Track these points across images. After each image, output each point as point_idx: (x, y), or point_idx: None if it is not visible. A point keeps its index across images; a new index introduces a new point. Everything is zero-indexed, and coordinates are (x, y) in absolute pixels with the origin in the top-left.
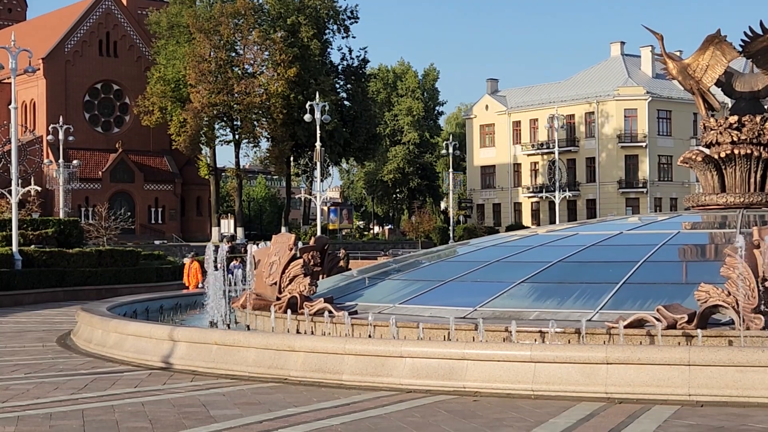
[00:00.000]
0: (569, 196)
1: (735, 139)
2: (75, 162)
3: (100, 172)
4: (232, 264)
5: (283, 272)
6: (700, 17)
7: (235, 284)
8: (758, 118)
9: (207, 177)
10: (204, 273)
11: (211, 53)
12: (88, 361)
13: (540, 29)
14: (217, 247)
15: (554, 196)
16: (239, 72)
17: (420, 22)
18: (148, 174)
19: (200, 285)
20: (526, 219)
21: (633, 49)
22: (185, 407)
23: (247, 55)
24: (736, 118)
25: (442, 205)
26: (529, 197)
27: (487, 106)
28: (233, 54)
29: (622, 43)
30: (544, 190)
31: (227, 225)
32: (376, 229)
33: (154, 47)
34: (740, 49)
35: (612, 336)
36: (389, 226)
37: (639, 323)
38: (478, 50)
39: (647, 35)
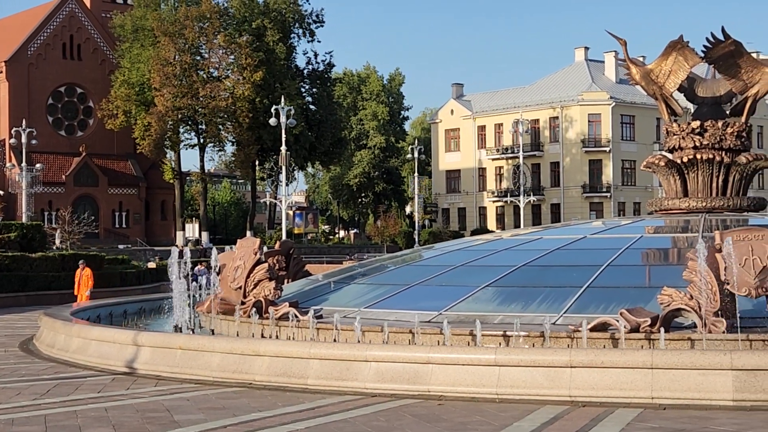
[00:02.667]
0: (534, 201)
1: (697, 144)
2: (38, 165)
3: (63, 176)
4: (197, 268)
5: (248, 276)
6: (663, 23)
7: (199, 288)
8: (720, 124)
9: (172, 181)
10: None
11: (176, 57)
12: (50, 366)
13: (505, 34)
14: (181, 251)
15: (519, 201)
16: (204, 76)
17: (385, 26)
18: (112, 178)
19: (87, 293)
20: (491, 223)
21: (597, 55)
22: (149, 412)
23: (213, 59)
24: (698, 123)
25: (408, 210)
26: (494, 201)
27: (452, 111)
28: (198, 57)
29: (586, 48)
30: (508, 195)
31: (192, 229)
32: (342, 233)
33: (119, 50)
34: (702, 55)
35: (576, 339)
36: (355, 231)
37: (603, 327)
38: (444, 55)
39: (611, 41)
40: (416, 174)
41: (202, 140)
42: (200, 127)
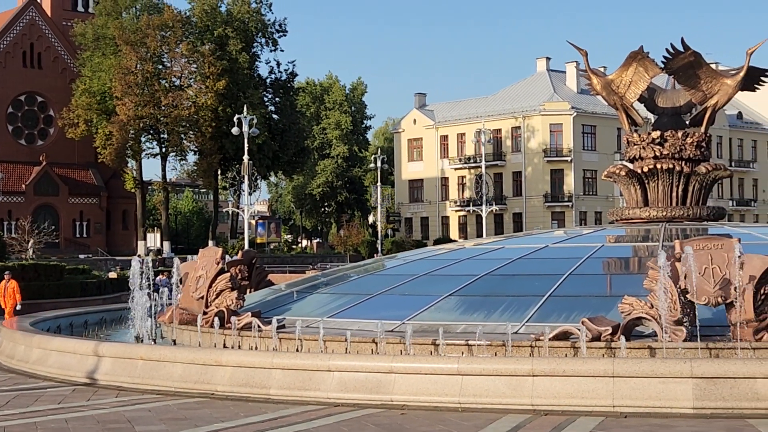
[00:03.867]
0: (496, 210)
1: (657, 153)
2: None
3: (23, 185)
4: (158, 278)
5: (210, 286)
6: (624, 34)
7: (161, 299)
8: (680, 134)
9: (133, 190)
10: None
11: (138, 65)
12: (10, 377)
13: (467, 44)
14: (142, 261)
15: (481, 210)
16: (166, 84)
17: (348, 36)
18: (72, 187)
19: (17, 307)
20: (454, 232)
21: (558, 65)
22: (110, 423)
23: (175, 68)
24: (658, 133)
25: (371, 219)
26: (456, 211)
27: (414, 120)
28: (160, 66)
29: (548, 58)
30: (471, 204)
31: (154, 239)
32: (305, 242)
33: (80, 59)
34: (662, 66)
35: (538, 348)
36: (317, 240)
37: (564, 335)
38: (406, 64)
39: (572, 51)
40: (379, 183)
41: (164, 149)
42: (162, 136)
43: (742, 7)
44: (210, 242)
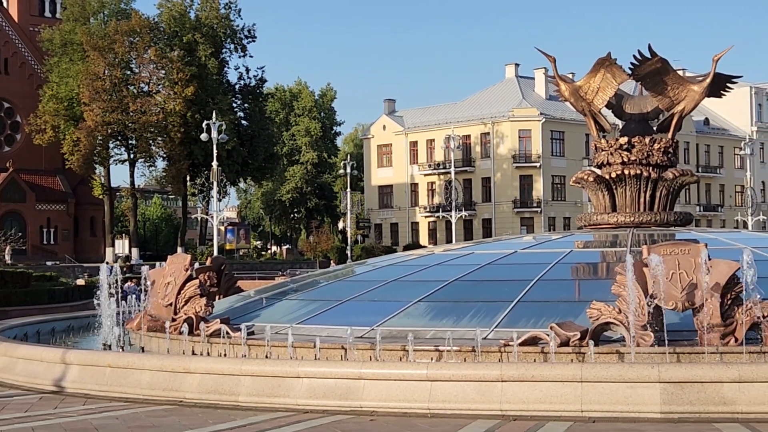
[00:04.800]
0: (465, 216)
1: (625, 159)
2: None
3: None
4: (126, 285)
5: (178, 293)
6: (592, 40)
7: (129, 305)
8: (647, 140)
9: (101, 197)
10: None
11: (106, 71)
12: None
13: (436, 50)
14: (111, 268)
15: (451, 216)
16: (135, 90)
17: (317, 42)
18: (40, 193)
19: None
20: (424, 238)
21: (527, 71)
22: (77, 431)
23: (143, 74)
24: (626, 139)
25: (340, 225)
26: (426, 217)
27: (384, 127)
28: (128, 72)
29: (517, 65)
30: (440, 210)
31: (122, 245)
32: (274, 248)
33: (47, 65)
34: (630, 72)
35: (507, 354)
36: (287, 246)
37: (533, 341)
38: (375, 71)
39: (541, 58)
40: (349, 189)
41: (132, 155)
42: (130, 142)
43: (708, 14)
44: (179, 249)
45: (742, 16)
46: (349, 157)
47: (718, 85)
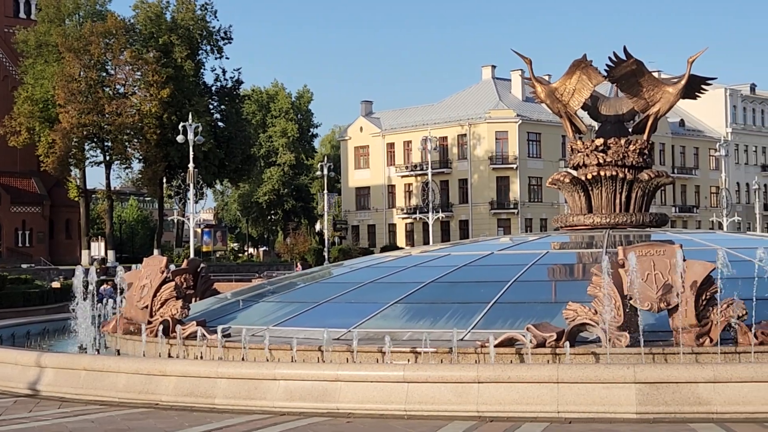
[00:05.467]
0: (442, 217)
1: (601, 161)
2: None
3: None
4: (102, 288)
5: (154, 295)
6: (568, 42)
7: (105, 308)
8: (623, 141)
9: (77, 199)
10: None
11: (81, 73)
12: None
13: (413, 52)
14: (86, 270)
15: (428, 217)
16: (110, 92)
17: (293, 44)
18: (15, 196)
19: None
20: (401, 240)
21: (504, 73)
22: None
23: (119, 75)
24: (602, 140)
25: (317, 227)
26: (403, 218)
27: (361, 128)
28: (104, 74)
29: (493, 66)
30: (418, 212)
31: (98, 248)
32: (251, 250)
33: (22, 66)
34: (605, 74)
35: (483, 355)
36: (264, 248)
37: (509, 342)
38: (352, 72)
39: (517, 59)
40: (326, 191)
41: (108, 157)
42: (106, 144)
43: (683, 16)
44: (155, 251)
45: (717, 18)
46: (326, 158)
47: (693, 86)
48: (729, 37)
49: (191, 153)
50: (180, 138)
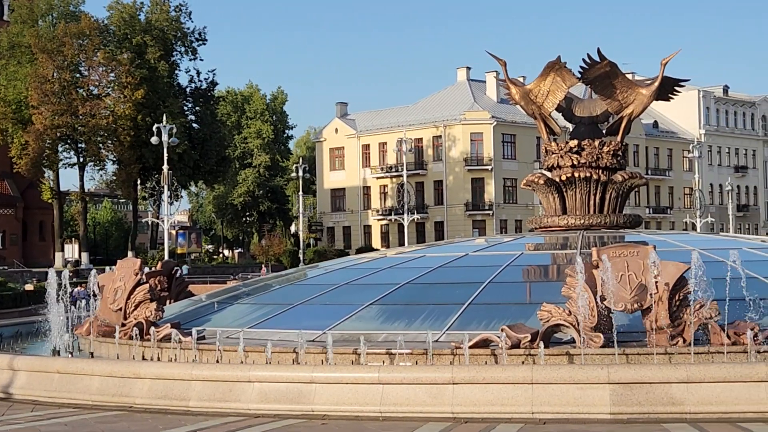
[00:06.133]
0: (418, 219)
1: (575, 162)
2: None
3: None
4: (76, 290)
5: (128, 298)
6: (542, 44)
7: (79, 311)
8: (597, 143)
9: (50, 201)
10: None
11: (55, 74)
12: None
13: (388, 54)
14: (60, 273)
15: (403, 219)
16: (84, 93)
17: (268, 45)
18: None
19: None
20: (376, 241)
21: (478, 75)
22: None
23: (93, 77)
24: (576, 142)
25: (293, 228)
26: (378, 220)
27: (336, 130)
28: (78, 75)
29: (468, 68)
30: (393, 213)
31: (71, 250)
32: (226, 252)
33: None
34: (579, 76)
35: (458, 356)
36: (239, 250)
37: (484, 343)
38: (327, 74)
39: (492, 61)
40: (301, 193)
41: (81, 159)
42: (80, 145)
43: (657, 18)
44: (129, 253)
45: (690, 20)
46: (301, 160)
47: (667, 88)
48: (702, 40)
49: (165, 155)
50: (154, 140)
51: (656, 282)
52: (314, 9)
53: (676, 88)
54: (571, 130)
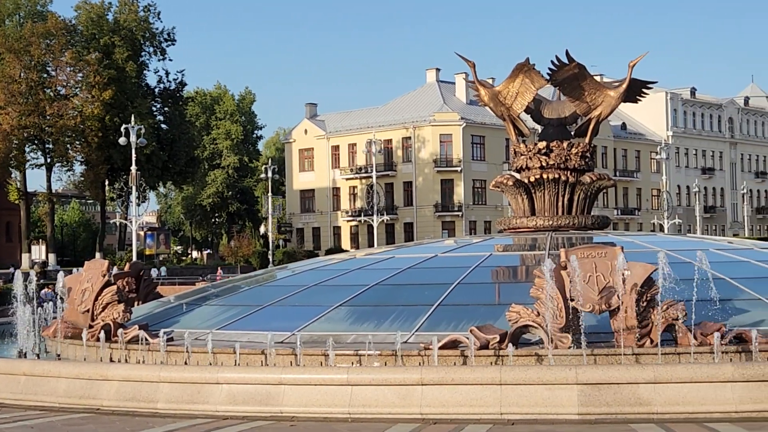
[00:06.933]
0: (387, 220)
1: (544, 164)
2: None
3: None
4: (43, 291)
5: (96, 299)
6: (511, 45)
7: (46, 312)
8: (565, 144)
9: (17, 202)
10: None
11: (22, 74)
12: None
13: (358, 55)
14: (26, 274)
15: (373, 220)
16: (51, 94)
17: (237, 45)
18: None
19: None
20: (346, 242)
21: (448, 76)
22: None
23: (60, 77)
24: (544, 143)
25: (262, 230)
26: (348, 221)
27: (306, 131)
28: (45, 75)
29: (438, 69)
30: (362, 214)
31: (39, 251)
32: (195, 253)
33: None
34: (548, 78)
35: (427, 357)
36: (208, 251)
37: (453, 344)
38: (297, 75)
39: (461, 63)
40: (270, 194)
41: (49, 160)
42: (47, 146)
43: (625, 20)
44: (97, 254)
45: (658, 23)
46: (270, 161)
47: (635, 90)
48: (670, 42)
49: (134, 155)
50: (122, 140)
51: (624, 283)
52: (284, 10)
53: (644, 90)
54: (539, 131)
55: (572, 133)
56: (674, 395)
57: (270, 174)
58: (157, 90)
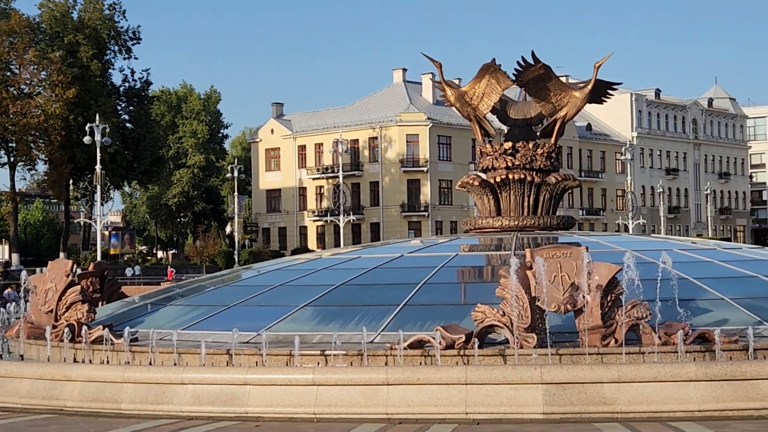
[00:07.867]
0: (354, 220)
1: (509, 164)
2: None
3: None
4: (6, 291)
5: (59, 299)
6: (477, 46)
7: (9, 312)
8: (531, 145)
9: None
10: None
11: None
12: None
13: (324, 54)
14: None
15: (339, 220)
16: (14, 92)
17: (203, 45)
18: None
19: None
20: (312, 242)
21: (414, 76)
22: None
23: (23, 75)
24: (510, 144)
25: (228, 229)
26: (314, 221)
27: (272, 130)
28: (8, 73)
29: (404, 69)
30: (329, 214)
31: (2, 251)
32: (160, 253)
33: None
34: (514, 78)
35: (393, 357)
36: (173, 251)
37: (419, 344)
38: (263, 74)
39: (428, 63)
40: (236, 193)
41: (12, 159)
42: (10, 145)
43: (590, 22)
44: (61, 254)
45: (623, 24)
46: (236, 160)
47: (600, 91)
48: (634, 43)
49: (98, 154)
50: (87, 139)
51: (589, 283)
52: (251, 8)
53: (609, 91)
54: (505, 132)
55: (538, 133)
56: (638, 394)
57: (236, 173)
58: (122, 89)
